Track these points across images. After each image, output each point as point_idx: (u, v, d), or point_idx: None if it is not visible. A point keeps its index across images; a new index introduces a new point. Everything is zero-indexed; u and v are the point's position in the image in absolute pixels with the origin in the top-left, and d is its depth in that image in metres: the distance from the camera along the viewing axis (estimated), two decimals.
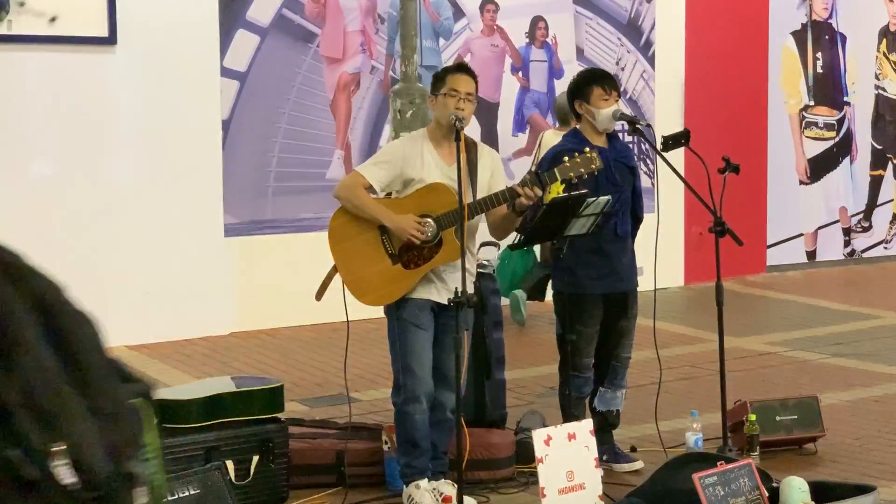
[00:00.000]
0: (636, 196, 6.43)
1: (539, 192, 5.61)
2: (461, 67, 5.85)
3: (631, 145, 11.36)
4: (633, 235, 6.48)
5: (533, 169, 8.26)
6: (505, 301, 9.03)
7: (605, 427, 6.35)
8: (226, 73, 9.48)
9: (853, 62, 13.10)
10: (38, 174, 8.78)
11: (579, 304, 6.24)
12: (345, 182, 5.81)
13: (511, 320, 9.70)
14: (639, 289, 6.55)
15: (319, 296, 5.85)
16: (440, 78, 5.76)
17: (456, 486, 5.49)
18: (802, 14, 12.72)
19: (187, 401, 5.67)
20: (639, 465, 6.32)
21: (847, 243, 13.22)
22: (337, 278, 5.75)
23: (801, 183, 12.83)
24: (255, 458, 5.71)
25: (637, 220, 6.49)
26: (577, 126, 6.37)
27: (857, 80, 13.13)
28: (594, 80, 6.28)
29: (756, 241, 11.71)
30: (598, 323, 6.30)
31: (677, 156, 9.80)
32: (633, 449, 6.56)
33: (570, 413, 6.26)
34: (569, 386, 6.30)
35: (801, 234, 12.83)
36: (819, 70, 12.85)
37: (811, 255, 12.94)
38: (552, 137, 10.68)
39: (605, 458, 6.21)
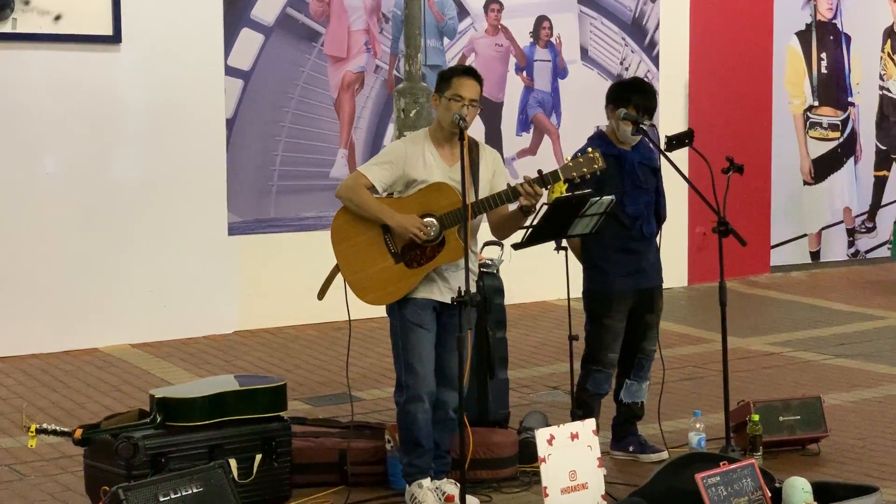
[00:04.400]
0: (659, 196, 6.54)
1: (541, 192, 5.61)
2: (468, 71, 5.76)
3: None
4: (657, 234, 6.57)
5: None
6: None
7: (630, 419, 6.55)
8: (230, 71, 9.49)
9: (858, 62, 13.08)
10: (43, 172, 8.79)
11: (608, 299, 6.40)
12: (347, 182, 5.80)
13: None
14: None
15: (322, 295, 5.85)
16: (446, 79, 5.70)
17: (458, 485, 5.49)
18: (807, 14, 12.71)
19: (191, 399, 5.67)
20: (665, 454, 6.37)
21: (851, 244, 13.21)
22: (339, 277, 5.75)
23: (805, 183, 12.82)
24: (258, 457, 5.71)
25: (660, 220, 6.57)
26: (604, 128, 6.47)
27: (861, 81, 13.11)
28: (632, 101, 6.31)
29: (760, 241, 11.69)
30: (625, 318, 6.44)
31: (681, 156, 9.81)
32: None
33: (585, 405, 6.29)
34: (588, 381, 6.40)
35: (805, 235, 12.82)
36: (823, 70, 12.84)
37: (815, 255, 12.93)
38: None
39: (631, 448, 6.46)
